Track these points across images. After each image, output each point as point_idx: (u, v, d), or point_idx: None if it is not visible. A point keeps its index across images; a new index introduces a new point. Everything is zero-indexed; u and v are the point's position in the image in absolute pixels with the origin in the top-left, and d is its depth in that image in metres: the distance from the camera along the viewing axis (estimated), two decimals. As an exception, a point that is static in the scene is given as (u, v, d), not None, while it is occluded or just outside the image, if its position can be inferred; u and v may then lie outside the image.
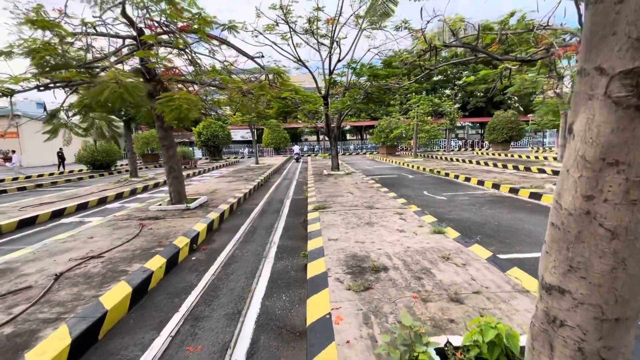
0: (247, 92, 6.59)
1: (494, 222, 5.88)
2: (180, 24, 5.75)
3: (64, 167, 19.70)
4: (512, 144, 27.14)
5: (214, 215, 6.45)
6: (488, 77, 9.93)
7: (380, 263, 3.74)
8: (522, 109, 35.62)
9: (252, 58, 6.79)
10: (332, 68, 11.70)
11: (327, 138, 13.05)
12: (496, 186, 9.34)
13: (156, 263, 3.99)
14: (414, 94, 23.32)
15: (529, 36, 8.52)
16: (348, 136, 55.34)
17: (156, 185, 12.68)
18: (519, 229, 5.45)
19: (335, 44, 10.97)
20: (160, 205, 7.36)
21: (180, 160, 19.73)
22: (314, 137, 43.51)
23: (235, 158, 32.01)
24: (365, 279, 3.34)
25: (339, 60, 11.47)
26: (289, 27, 10.83)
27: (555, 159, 15.81)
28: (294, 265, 4.24)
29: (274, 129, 30.81)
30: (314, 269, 3.70)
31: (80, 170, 20.25)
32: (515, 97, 37.23)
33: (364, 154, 34.36)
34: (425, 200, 8.07)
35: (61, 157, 19.58)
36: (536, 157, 18.65)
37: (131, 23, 5.72)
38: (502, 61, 7.46)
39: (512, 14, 20.08)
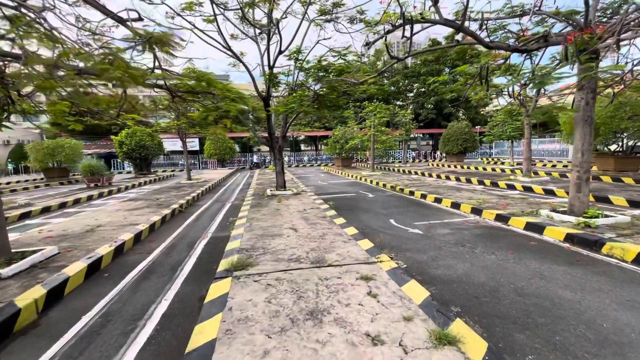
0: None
1: (510, 286, 3.76)
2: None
3: None
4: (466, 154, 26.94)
5: (31, 295, 3.47)
6: (460, 83, 8.11)
7: None
8: (468, 121, 36.50)
9: (123, 22, 4.05)
10: (272, 62, 9.25)
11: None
12: (477, 211, 7.50)
13: None
14: (373, 100, 21.86)
15: (506, 25, 6.91)
16: (302, 146, 53.29)
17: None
18: (558, 304, 3.36)
19: (273, 27, 8.56)
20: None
21: (89, 177, 15.74)
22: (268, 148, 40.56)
23: (172, 171, 27.85)
24: None
25: (280, 52, 9.05)
26: (214, 5, 8.18)
27: (520, 171, 14.93)
28: None
29: (216, 139, 27.41)
30: None
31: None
32: (462, 109, 38.28)
33: (319, 165, 32.29)
34: (396, 238, 5.85)
35: None
36: (493, 170, 17.94)
37: None
38: (491, 49, 5.60)
39: None
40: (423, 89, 36.33)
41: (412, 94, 38.48)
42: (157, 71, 4.83)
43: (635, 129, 12.51)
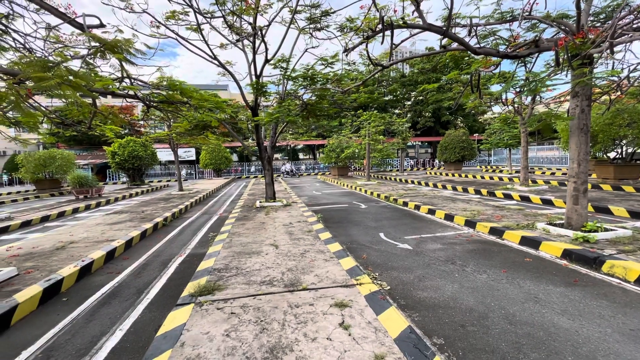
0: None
1: (500, 312, 3.41)
2: None
3: None
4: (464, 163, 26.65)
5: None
6: (457, 90, 7.89)
7: None
8: (466, 129, 36.33)
9: (82, 28, 3.79)
10: (259, 71, 9.03)
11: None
12: (471, 224, 7.16)
13: None
14: (370, 108, 21.66)
15: (497, 31, 6.68)
16: (301, 155, 53.16)
17: None
18: (553, 334, 2.99)
19: (259, 36, 8.36)
20: None
21: (77, 189, 15.43)
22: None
23: (167, 181, 27.58)
24: None
25: (267, 61, 8.84)
26: (197, 14, 8.00)
27: (519, 179, 14.61)
28: None
29: (212, 149, 27.21)
30: None
31: None
32: (460, 117, 38.16)
33: (316, 174, 32.03)
34: (382, 254, 5.50)
35: None
36: (491, 178, 17.62)
37: None
38: (479, 55, 5.35)
39: None
40: (420, 97, 36.33)
41: (409, 102, 38.44)
42: (127, 80, 4.56)
43: (634, 135, 12.24)
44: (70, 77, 2.92)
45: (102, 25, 3.88)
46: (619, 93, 6.82)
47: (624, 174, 13.02)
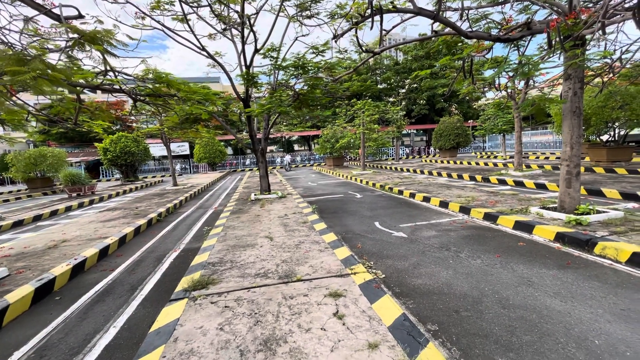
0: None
1: (494, 297, 3.43)
2: None
3: None
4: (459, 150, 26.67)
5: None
6: (448, 76, 7.79)
7: None
8: (460, 115, 36.29)
9: (59, 19, 3.63)
10: (249, 61, 8.85)
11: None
12: (465, 210, 7.18)
13: None
14: (366, 97, 21.47)
15: (489, 14, 6.58)
16: (296, 147, 52.91)
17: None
18: (546, 317, 3.02)
19: (247, 25, 8.15)
20: None
21: (70, 187, 15.24)
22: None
23: (162, 177, 27.38)
24: None
25: (256, 51, 8.66)
26: (182, 3, 7.77)
27: (512, 164, 14.68)
28: None
29: (206, 143, 26.94)
30: None
31: None
32: (455, 104, 38.05)
33: (311, 165, 31.94)
34: (377, 243, 5.51)
35: None
36: (486, 164, 17.68)
37: None
38: (471, 39, 5.26)
39: None
40: (415, 85, 36.08)
41: (403, 90, 38.19)
42: (111, 74, 4.43)
43: (626, 118, 12.28)
44: (48, 71, 2.80)
45: (80, 16, 3.72)
46: (611, 75, 6.78)
47: (617, 156, 13.10)
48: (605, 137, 14.60)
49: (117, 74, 4.36)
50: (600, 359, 2.39)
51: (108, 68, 4.23)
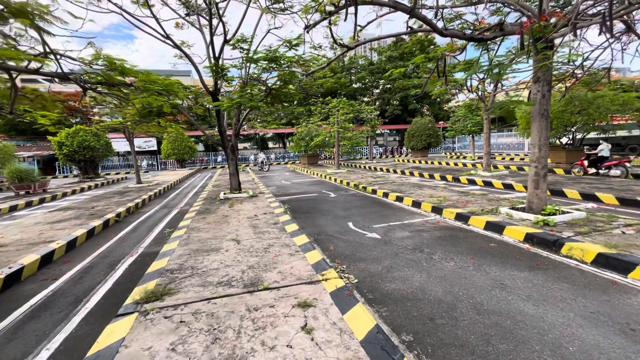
0: None
1: (469, 302, 3.32)
2: None
3: None
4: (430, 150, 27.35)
5: None
6: (419, 76, 7.73)
7: None
8: (432, 117, 37.29)
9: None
10: (217, 53, 8.36)
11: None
12: (437, 210, 7.19)
13: None
14: (340, 95, 21.34)
15: (463, 14, 6.60)
16: (270, 144, 52.04)
17: None
18: (520, 322, 2.94)
19: (214, 9, 7.66)
20: None
21: (16, 184, 13.83)
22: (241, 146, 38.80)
23: (126, 173, 25.78)
24: None
25: (225, 41, 8.18)
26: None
27: (481, 165, 15.13)
28: None
29: (174, 138, 25.70)
30: None
31: None
32: (427, 105, 39.06)
33: (286, 163, 31.48)
34: (351, 244, 5.32)
35: None
36: (455, 164, 18.18)
37: None
38: (445, 36, 5.19)
39: None
40: (388, 85, 36.60)
41: (378, 90, 38.64)
42: (52, 57, 3.87)
43: (583, 122, 13.02)
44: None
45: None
46: (574, 80, 7.05)
47: (575, 158, 13.89)
48: (564, 140, 15.46)
49: (59, 57, 3.81)
50: (576, 368, 2.31)
51: (47, 50, 3.68)
